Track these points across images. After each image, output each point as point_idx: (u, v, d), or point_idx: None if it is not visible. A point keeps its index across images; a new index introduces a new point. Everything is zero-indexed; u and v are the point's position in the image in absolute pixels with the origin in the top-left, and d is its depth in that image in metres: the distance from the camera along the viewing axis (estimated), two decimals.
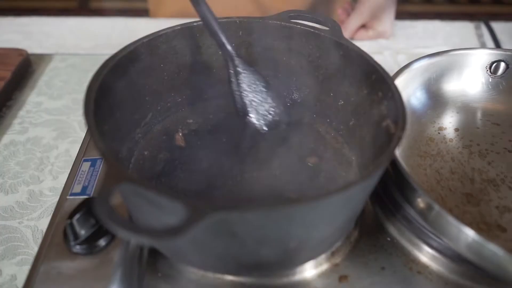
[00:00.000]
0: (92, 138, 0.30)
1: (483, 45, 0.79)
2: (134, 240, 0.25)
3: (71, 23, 0.83)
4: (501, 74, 0.54)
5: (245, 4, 0.87)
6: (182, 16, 0.86)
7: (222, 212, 0.26)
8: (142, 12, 0.97)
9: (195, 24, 0.46)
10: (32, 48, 0.73)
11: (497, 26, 0.83)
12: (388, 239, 0.42)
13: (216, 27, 0.43)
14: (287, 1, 0.87)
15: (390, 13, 0.78)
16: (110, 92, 0.38)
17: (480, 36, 0.82)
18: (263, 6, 0.88)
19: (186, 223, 0.26)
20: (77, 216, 0.36)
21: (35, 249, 0.44)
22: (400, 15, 0.81)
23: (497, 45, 0.77)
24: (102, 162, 0.44)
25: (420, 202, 0.39)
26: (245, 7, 0.87)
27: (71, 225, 0.35)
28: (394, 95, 0.37)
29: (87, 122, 0.31)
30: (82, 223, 0.36)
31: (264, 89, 0.47)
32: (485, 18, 0.86)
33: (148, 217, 0.32)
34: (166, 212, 0.29)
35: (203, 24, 0.43)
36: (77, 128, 0.59)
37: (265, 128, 0.47)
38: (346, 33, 0.76)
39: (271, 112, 0.47)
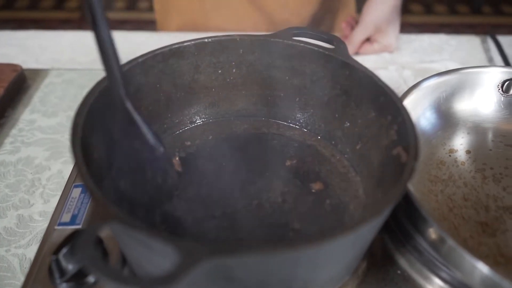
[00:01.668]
0: (79, 171, 0.28)
1: (490, 60, 0.77)
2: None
3: (68, 37, 0.81)
4: None
5: (250, 15, 0.86)
6: (189, 27, 0.85)
7: (219, 256, 0.24)
8: (149, 23, 0.95)
9: (192, 43, 0.43)
10: (28, 62, 0.71)
11: (503, 40, 0.80)
12: (398, 271, 0.40)
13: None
14: (294, 12, 0.86)
15: (395, 26, 0.76)
16: (102, 117, 0.36)
17: (487, 50, 0.80)
18: (269, 17, 0.86)
19: (178, 269, 0.23)
20: (64, 250, 0.33)
21: (21, 279, 0.41)
22: (402, 27, 0.79)
23: (505, 60, 0.75)
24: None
25: (432, 233, 0.37)
26: (251, 18, 0.86)
27: (57, 261, 0.33)
28: (404, 120, 0.35)
29: (73, 152, 0.29)
30: (70, 258, 0.34)
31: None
32: (489, 30, 0.84)
33: (141, 258, 0.30)
34: (159, 254, 0.26)
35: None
36: None
37: None
38: (351, 47, 0.74)
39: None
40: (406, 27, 0.84)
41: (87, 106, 0.33)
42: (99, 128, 0.36)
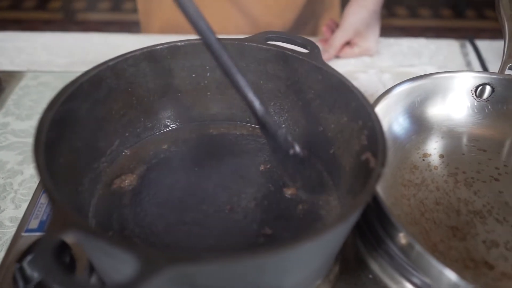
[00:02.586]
0: (39, 175, 0.27)
1: (468, 64, 0.78)
2: None
3: (45, 38, 0.80)
4: (487, 98, 0.52)
5: (235, 17, 0.85)
6: (173, 28, 0.84)
7: (179, 264, 0.24)
8: (134, 24, 0.94)
9: (165, 46, 0.43)
10: (3, 64, 0.70)
11: (482, 44, 0.81)
12: (370, 276, 0.40)
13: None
14: (277, 15, 0.86)
15: (375, 30, 0.76)
16: (69, 121, 0.35)
17: (465, 54, 0.81)
18: (253, 19, 0.86)
19: (138, 278, 0.23)
20: (28, 257, 0.33)
21: None
22: (386, 30, 0.80)
23: (482, 64, 0.76)
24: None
25: (401, 239, 0.37)
26: (235, 20, 0.85)
27: (21, 269, 0.32)
28: (374, 125, 0.35)
29: (35, 157, 0.28)
30: (32, 268, 0.33)
31: None
32: (470, 34, 0.85)
33: (105, 266, 0.29)
34: (120, 261, 0.26)
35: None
36: None
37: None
38: (331, 51, 0.75)
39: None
40: (390, 30, 0.85)
41: (53, 109, 0.33)
42: (69, 131, 0.36)
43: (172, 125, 0.49)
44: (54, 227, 0.24)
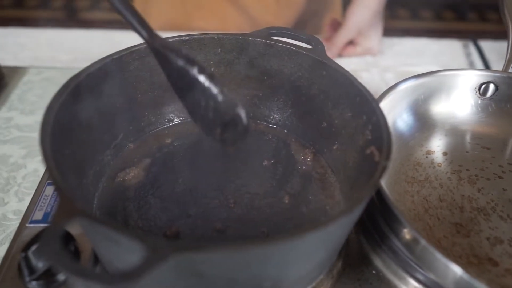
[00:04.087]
0: (46, 166, 0.27)
1: (471, 64, 0.78)
2: (85, 285, 0.22)
3: (48, 35, 0.80)
4: (490, 96, 0.52)
5: (234, 17, 0.85)
6: (171, 27, 0.84)
7: (185, 252, 0.24)
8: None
9: (170, 41, 0.43)
10: (6, 60, 0.70)
11: (485, 44, 0.81)
12: (373, 271, 0.40)
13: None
14: (277, 15, 0.86)
15: (377, 29, 0.77)
16: (75, 113, 0.35)
17: (468, 55, 0.81)
18: (252, 19, 0.86)
19: (144, 265, 0.23)
20: (33, 247, 0.33)
21: None
22: (388, 31, 0.80)
23: (486, 64, 0.76)
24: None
25: (406, 234, 0.37)
26: (234, 20, 0.85)
27: (26, 258, 0.32)
28: (379, 119, 0.35)
29: (42, 147, 0.28)
30: (39, 255, 0.33)
31: None
32: (472, 36, 0.84)
33: (110, 255, 0.29)
34: (126, 250, 0.26)
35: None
36: None
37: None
38: (334, 49, 0.75)
39: None
40: (392, 32, 0.85)
41: (59, 100, 0.33)
42: (75, 123, 0.36)
43: (175, 120, 0.49)
44: (62, 215, 0.24)
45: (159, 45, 0.33)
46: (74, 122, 0.35)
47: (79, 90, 0.35)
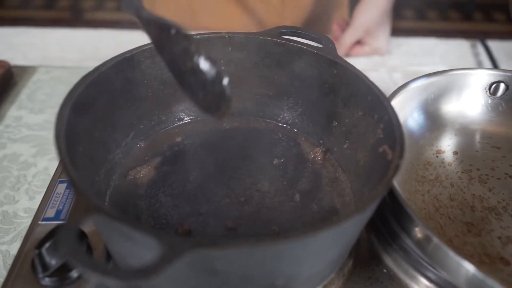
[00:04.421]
0: (62, 162, 0.27)
1: (479, 64, 0.78)
2: (101, 281, 0.22)
3: (57, 35, 0.80)
4: (501, 96, 0.52)
5: (240, 17, 0.85)
6: None
7: (202, 249, 0.24)
8: (137, 24, 0.94)
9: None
10: (15, 59, 0.70)
11: (493, 44, 0.81)
12: (384, 270, 0.40)
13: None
14: (284, 15, 0.86)
15: (385, 29, 0.76)
16: (87, 111, 0.35)
17: (476, 55, 0.80)
18: (259, 20, 0.86)
19: (160, 262, 0.23)
20: (47, 244, 0.33)
21: (5, 275, 0.41)
22: (394, 31, 0.80)
23: (494, 64, 0.76)
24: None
25: (418, 233, 0.37)
26: (241, 20, 0.85)
27: (40, 255, 0.32)
28: (391, 118, 0.35)
29: (57, 144, 0.28)
30: (53, 252, 0.33)
31: None
32: (479, 36, 0.84)
33: (124, 253, 0.29)
34: (141, 247, 0.26)
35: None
36: None
37: None
38: (341, 49, 0.75)
39: None
40: (398, 32, 0.85)
41: (73, 98, 0.33)
42: (88, 120, 0.36)
43: (186, 119, 0.49)
44: (78, 211, 0.24)
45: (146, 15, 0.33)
46: (86, 120, 0.35)
47: (92, 87, 0.36)
